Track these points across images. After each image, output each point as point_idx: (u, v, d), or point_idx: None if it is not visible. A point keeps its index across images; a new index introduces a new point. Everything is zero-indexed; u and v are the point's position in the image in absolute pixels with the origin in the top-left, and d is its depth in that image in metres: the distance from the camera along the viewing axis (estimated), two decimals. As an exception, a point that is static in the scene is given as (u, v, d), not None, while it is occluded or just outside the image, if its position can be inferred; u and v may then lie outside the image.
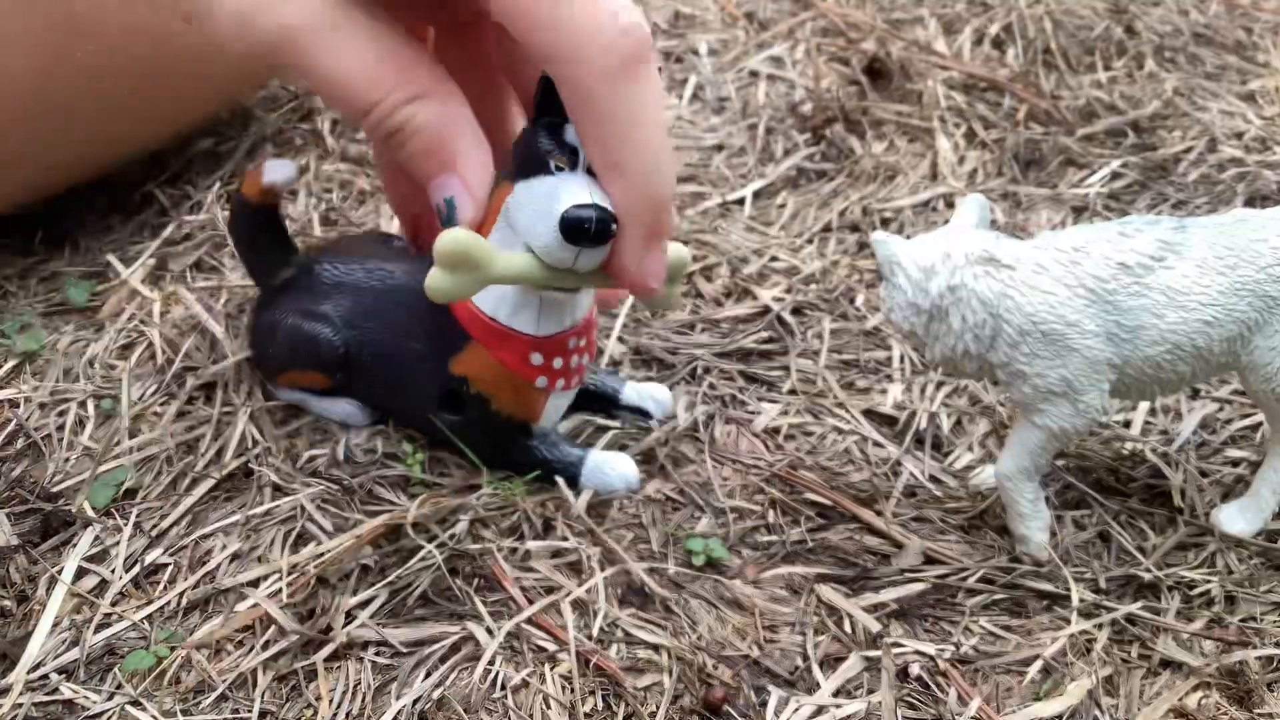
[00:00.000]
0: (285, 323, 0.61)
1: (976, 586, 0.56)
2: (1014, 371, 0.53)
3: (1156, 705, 0.51)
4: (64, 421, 0.63)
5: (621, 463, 0.61)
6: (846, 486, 0.62)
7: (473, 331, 0.56)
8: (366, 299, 0.60)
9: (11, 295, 0.74)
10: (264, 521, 0.57)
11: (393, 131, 0.49)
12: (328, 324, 0.60)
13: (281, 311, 0.61)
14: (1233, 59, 1.08)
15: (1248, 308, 0.53)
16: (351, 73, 0.48)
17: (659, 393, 0.66)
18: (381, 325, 0.60)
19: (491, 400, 0.58)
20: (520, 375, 0.56)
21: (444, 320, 0.56)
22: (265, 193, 0.61)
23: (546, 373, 0.57)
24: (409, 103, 0.49)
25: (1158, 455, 0.65)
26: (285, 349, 0.61)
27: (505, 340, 0.56)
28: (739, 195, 0.87)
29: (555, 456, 0.60)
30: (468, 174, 0.50)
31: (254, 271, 0.65)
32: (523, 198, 0.51)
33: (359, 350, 0.60)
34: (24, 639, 0.51)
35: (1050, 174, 0.90)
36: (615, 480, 0.60)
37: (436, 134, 0.50)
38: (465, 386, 0.58)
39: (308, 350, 0.60)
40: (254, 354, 0.65)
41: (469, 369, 0.57)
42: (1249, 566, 0.58)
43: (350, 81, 0.49)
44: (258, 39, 0.47)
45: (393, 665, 0.51)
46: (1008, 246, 0.53)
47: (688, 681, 0.50)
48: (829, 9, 1.12)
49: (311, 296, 0.61)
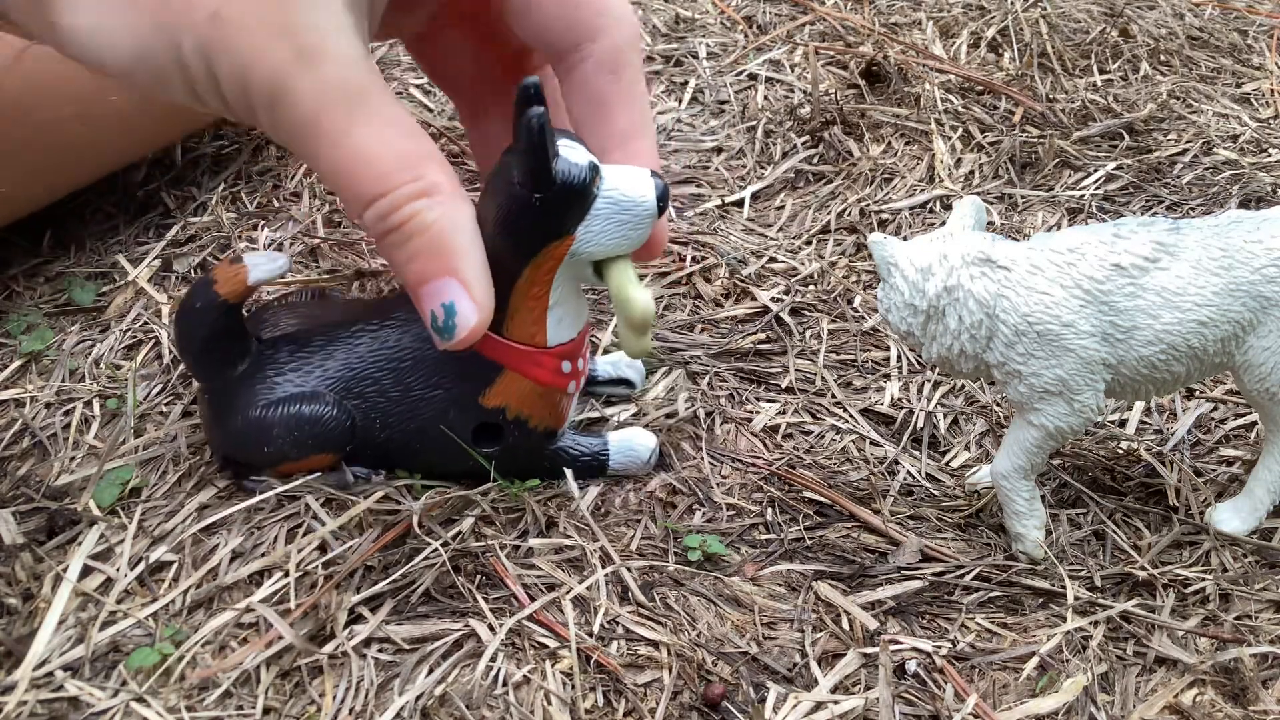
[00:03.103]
0: (275, 415, 0.56)
1: (973, 584, 0.57)
2: (1010, 371, 0.54)
3: (1152, 702, 0.51)
4: (69, 421, 0.64)
5: (641, 436, 0.62)
6: (844, 485, 0.63)
7: (505, 361, 0.56)
8: (358, 359, 0.57)
9: (18, 295, 0.75)
10: (268, 520, 0.58)
11: (396, 226, 0.47)
12: (326, 402, 0.56)
13: (263, 404, 0.56)
14: (1228, 62, 1.09)
15: (1242, 308, 0.53)
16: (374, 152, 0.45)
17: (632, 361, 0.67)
18: (390, 383, 0.57)
19: (530, 419, 0.58)
20: (557, 387, 0.57)
21: (469, 360, 0.55)
22: (248, 292, 0.56)
23: (574, 377, 0.58)
24: (418, 197, 0.46)
25: (1153, 454, 0.65)
26: (286, 444, 0.56)
27: (538, 360, 0.56)
28: (738, 197, 0.88)
29: (584, 450, 0.61)
30: (470, 278, 0.48)
31: (204, 369, 0.58)
32: (592, 230, 0.52)
33: (366, 417, 0.57)
34: (29, 636, 0.51)
35: (1046, 176, 0.91)
36: (643, 453, 0.62)
37: (440, 234, 0.47)
38: (503, 415, 0.57)
39: (314, 435, 0.56)
40: (238, 457, 0.59)
41: (505, 398, 0.57)
42: (1243, 564, 0.58)
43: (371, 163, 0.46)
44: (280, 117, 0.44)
45: (395, 662, 0.51)
46: (1004, 248, 0.53)
47: (687, 678, 0.51)
48: (827, 13, 1.13)
49: (291, 377, 0.57)
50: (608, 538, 0.58)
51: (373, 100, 0.45)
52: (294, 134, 0.45)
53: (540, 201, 0.51)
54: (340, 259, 0.78)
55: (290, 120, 0.44)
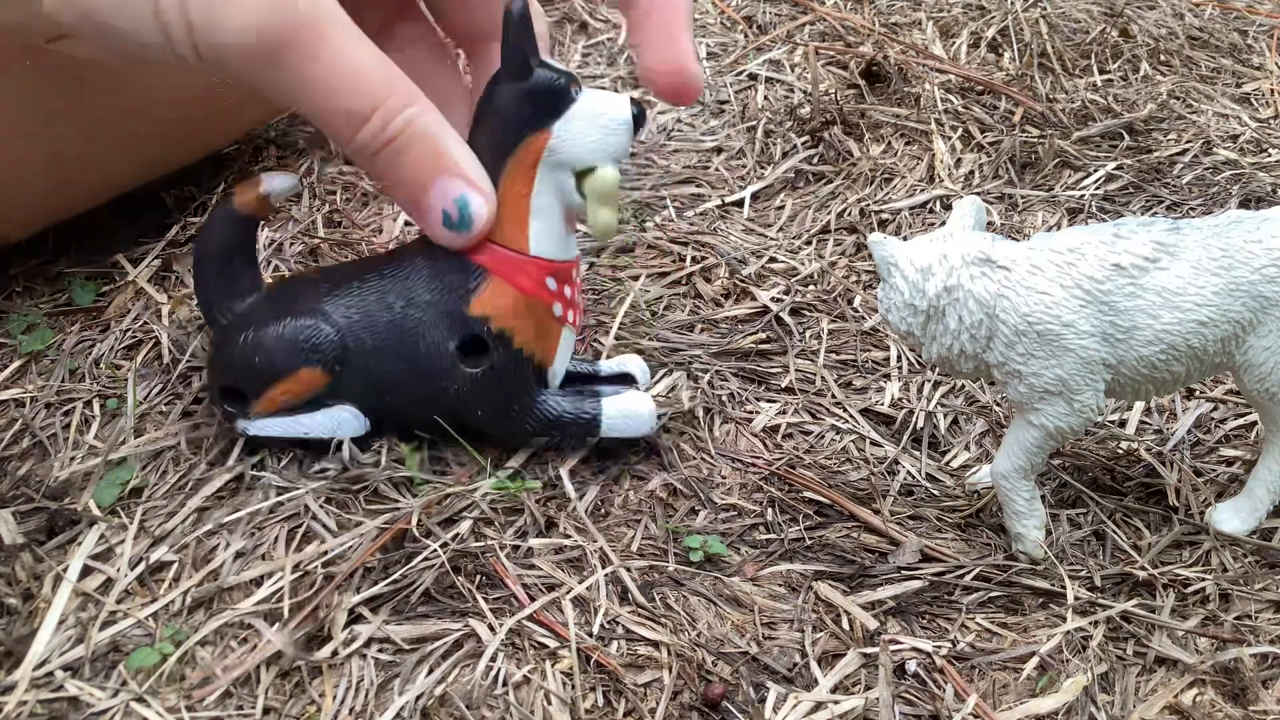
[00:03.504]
0: (268, 330, 0.57)
1: (973, 584, 0.57)
2: (1010, 371, 0.54)
3: (1152, 702, 0.51)
4: (70, 421, 0.64)
5: (638, 400, 0.60)
6: (844, 485, 0.63)
7: (490, 265, 0.56)
8: (355, 293, 0.58)
9: (18, 295, 0.75)
10: (268, 520, 0.58)
11: (393, 137, 0.49)
12: (318, 315, 0.58)
13: (261, 324, 0.58)
14: (1228, 62, 1.09)
15: (1242, 308, 0.53)
16: (363, 68, 0.48)
17: (634, 359, 0.67)
18: (380, 306, 0.58)
19: (514, 337, 0.58)
20: (540, 300, 0.57)
21: (458, 265, 0.57)
22: (260, 203, 0.59)
23: (560, 300, 0.58)
24: (407, 106, 0.49)
25: (1153, 454, 0.65)
26: (275, 352, 0.57)
27: (522, 266, 0.57)
28: (738, 197, 0.88)
29: (570, 407, 0.60)
30: (473, 173, 0.52)
31: (215, 296, 0.60)
32: (572, 127, 0.54)
33: (358, 338, 0.58)
34: (29, 636, 0.51)
35: (1046, 176, 0.91)
36: (639, 420, 0.60)
37: (437, 136, 0.50)
38: (487, 326, 0.57)
39: (303, 343, 0.57)
40: (230, 382, 0.60)
41: (489, 306, 0.57)
42: (1243, 565, 0.58)
43: (361, 77, 0.48)
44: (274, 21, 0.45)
45: (395, 662, 0.51)
46: (1003, 248, 0.53)
47: (687, 678, 0.51)
48: (827, 13, 1.13)
49: (291, 304, 0.58)
50: (608, 538, 0.58)
51: (347, 27, 0.48)
52: (275, 64, 0.46)
53: (520, 91, 0.53)
54: (340, 259, 0.78)
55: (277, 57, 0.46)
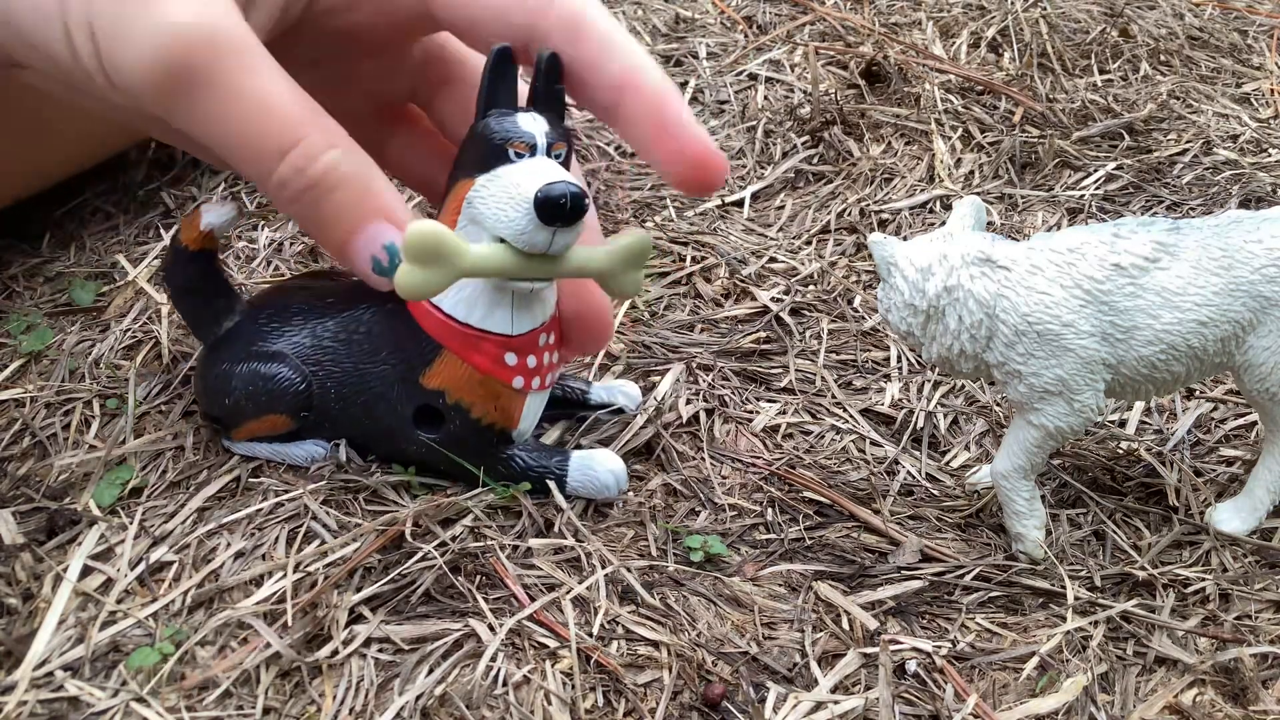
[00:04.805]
0: (238, 369, 0.58)
1: (973, 584, 0.57)
2: (1010, 371, 0.54)
3: (1152, 702, 0.51)
4: (69, 421, 0.64)
5: (607, 459, 0.59)
6: (844, 485, 0.63)
7: (443, 340, 0.55)
8: (323, 331, 0.58)
9: (18, 295, 0.75)
10: (268, 520, 0.58)
11: (314, 181, 0.44)
12: (284, 362, 0.57)
13: (231, 360, 0.58)
14: (1228, 62, 1.09)
15: (1242, 308, 0.53)
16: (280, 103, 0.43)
17: (627, 387, 0.66)
18: (344, 354, 0.57)
19: (471, 409, 0.56)
20: (497, 378, 0.56)
21: (411, 335, 0.55)
22: (204, 238, 0.58)
23: (522, 373, 0.56)
24: (330, 148, 0.44)
25: (1153, 454, 0.65)
26: (243, 397, 0.58)
27: (478, 344, 0.55)
28: (738, 197, 0.88)
29: (537, 463, 0.59)
30: (402, 216, 0.47)
31: (195, 324, 0.62)
32: (488, 188, 0.50)
33: (322, 386, 0.58)
34: (29, 636, 0.51)
35: (1046, 176, 0.91)
36: (604, 478, 0.58)
37: (363, 179, 0.46)
38: (442, 399, 0.56)
39: (269, 393, 0.57)
40: (208, 410, 0.61)
41: (444, 380, 0.56)
42: (1243, 565, 0.58)
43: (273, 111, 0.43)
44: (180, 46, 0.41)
45: (395, 662, 0.51)
46: (1003, 248, 0.53)
47: (687, 678, 0.51)
48: (827, 13, 1.13)
49: (261, 338, 0.58)
50: (608, 538, 0.58)
51: (262, 57, 0.43)
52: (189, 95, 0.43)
53: (477, 123, 0.51)
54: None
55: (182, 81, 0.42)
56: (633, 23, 1.11)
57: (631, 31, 1.09)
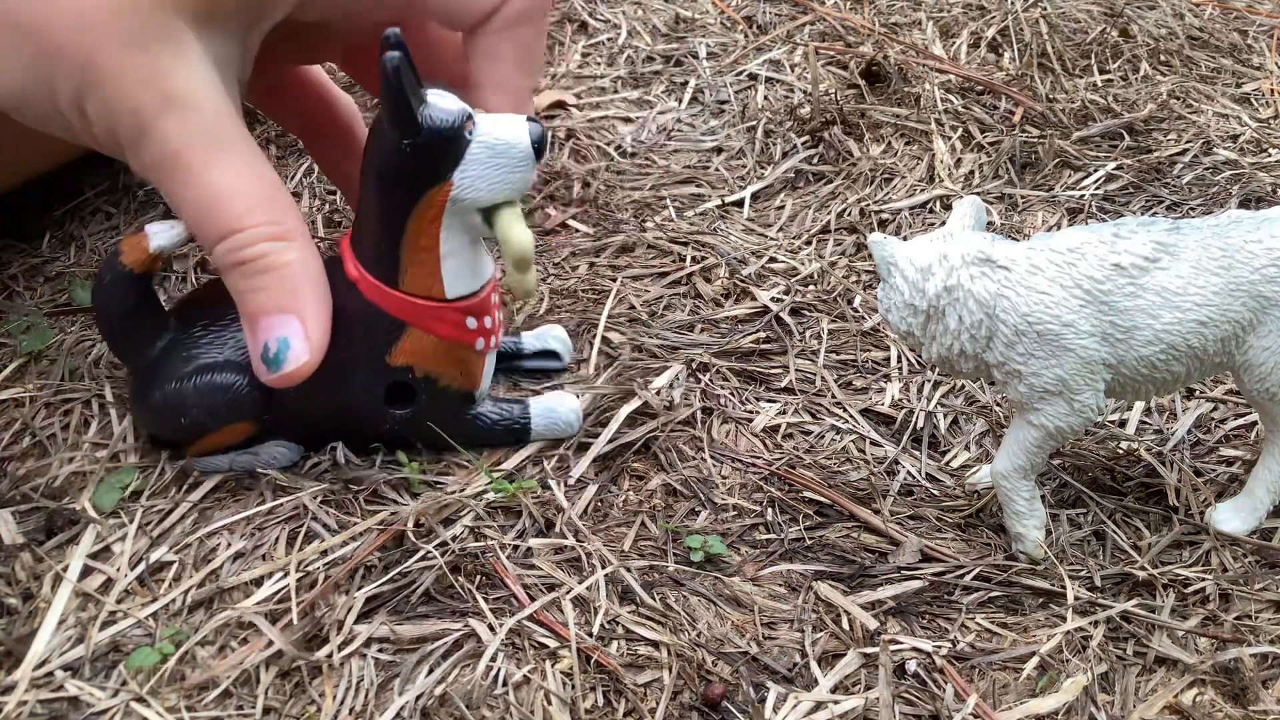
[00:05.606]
0: (189, 386, 0.56)
1: (973, 584, 0.57)
2: (1010, 371, 0.54)
3: (1152, 702, 0.51)
4: (69, 421, 0.64)
5: (566, 399, 0.62)
6: (844, 485, 0.63)
7: (405, 317, 0.56)
8: None
9: (17, 295, 0.75)
10: (268, 520, 0.58)
11: (248, 260, 0.51)
12: (236, 370, 0.56)
13: (177, 378, 0.56)
14: (1228, 62, 1.09)
15: (1242, 308, 0.53)
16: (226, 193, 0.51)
17: (555, 330, 0.67)
18: None
19: (440, 378, 0.58)
20: (462, 342, 0.57)
21: (373, 318, 0.56)
22: (151, 261, 0.56)
23: (482, 334, 0.58)
24: (275, 239, 0.51)
25: (1153, 454, 0.65)
26: (201, 412, 0.56)
27: (439, 314, 0.56)
28: (738, 197, 0.88)
29: (502, 415, 0.61)
30: (312, 321, 0.52)
31: (125, 350, 0.59)
32: (470, 174, 0.53)
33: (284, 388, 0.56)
34: (29, 636, 0.51)
35: (1046, 176, 0.91)
36: (566, 417, 0.61)
37: (293, 275, 0.52)
38: (411, 374, 0.58)
39: (228, 403, 0.56)
40: (160, 434, 0.60)
41: (411, 356, 0.57)
42: (1243, 564, 0.58)
43: (219, 204, 0.51)
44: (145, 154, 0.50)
45: (395, 662, 0.51)
46: (1003, 248, 0.53)
47: (687, 678, 0.51)
48: (827, 13, 1.13)
49: (202, 350, 0.57)
50: (608, 538, 0.58)
51: (235, 146, 0.51)
52: (157, 169, 0.50)
53: (410, 148, 0.52)
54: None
55: (153, 157, 0.50)
56: (633, 23, 1.11)
57: (632, 32, 1.09)
